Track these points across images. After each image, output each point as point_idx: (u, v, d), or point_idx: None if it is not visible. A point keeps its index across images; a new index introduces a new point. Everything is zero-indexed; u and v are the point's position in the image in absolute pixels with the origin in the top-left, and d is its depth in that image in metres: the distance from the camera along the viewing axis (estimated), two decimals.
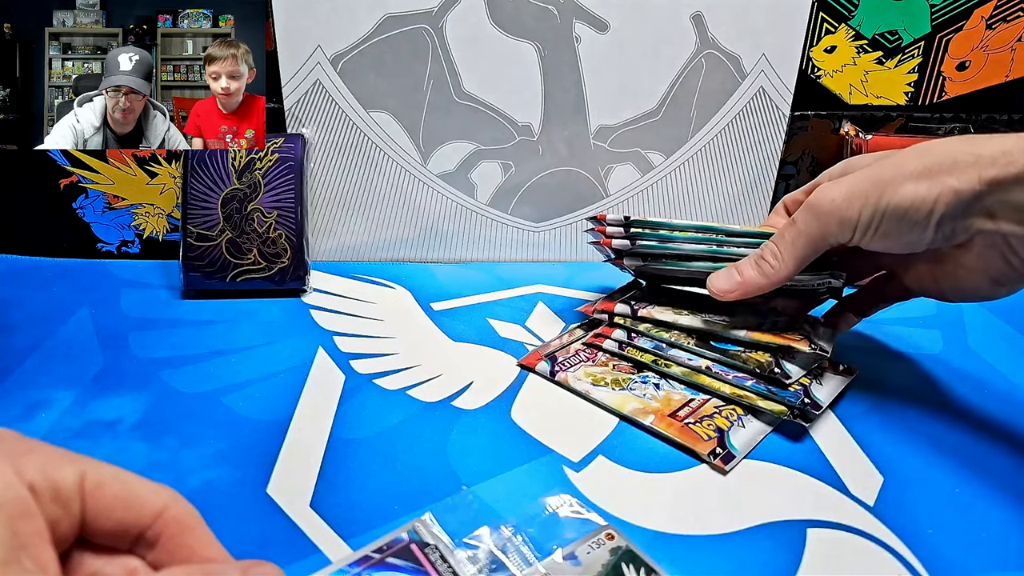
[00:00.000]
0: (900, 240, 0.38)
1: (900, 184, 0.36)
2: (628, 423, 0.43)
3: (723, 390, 0.44)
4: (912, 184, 0.36)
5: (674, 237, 0.47)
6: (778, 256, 0.42)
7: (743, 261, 0.44)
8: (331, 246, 0.66)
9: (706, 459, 0.40)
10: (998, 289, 0.39)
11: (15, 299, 0.58)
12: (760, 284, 0.43)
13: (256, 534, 0.34)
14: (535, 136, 0.64)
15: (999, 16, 0.62)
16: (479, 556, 0.32)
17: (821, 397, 0.43)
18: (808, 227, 0.40)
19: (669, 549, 0.34)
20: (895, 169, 0.37)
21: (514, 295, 0.61)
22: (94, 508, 0.23)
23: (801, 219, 0.40)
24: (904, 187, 0.36)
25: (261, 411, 0.44)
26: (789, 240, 0.41)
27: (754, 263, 0.43)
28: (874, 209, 0.37)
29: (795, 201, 0.47)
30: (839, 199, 0.38)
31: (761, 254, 0.43)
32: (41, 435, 0.41)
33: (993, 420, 0.44)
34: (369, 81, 0.61)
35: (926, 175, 0.36)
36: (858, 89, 0.66)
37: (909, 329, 0.55)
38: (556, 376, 0.47)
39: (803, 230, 0.40)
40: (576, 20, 0.60)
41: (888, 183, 0.37)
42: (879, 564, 0.33)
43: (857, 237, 0.39)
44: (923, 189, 0.36)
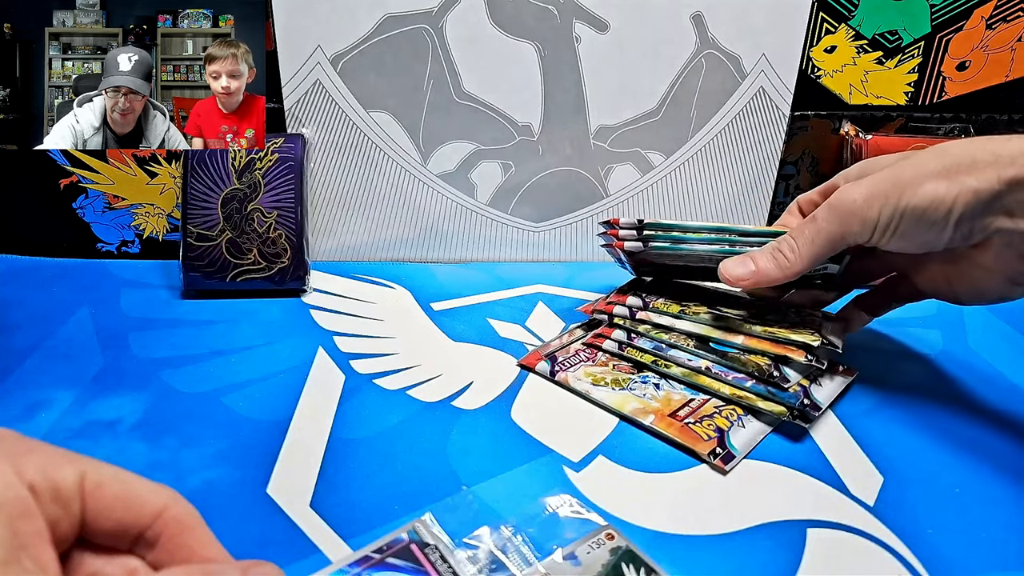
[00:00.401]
0: (918, 240, 0.38)
1: (919, 184, 0.37)
2: (628, 423, 0.43)
3: (723, 391, 0.44)
4: (931, 184, 0.36)
5: (687, 239, 0.47)
6: (795, 250, 0.42)
7: (758, 251, 0.44)
8: (331, 246, 0.66)
9: (706, 459, 0.40)
10: (1014, 289, 0.39)
11: (15, 299, 0.58)
12: (773, 276, 0.43)
13: (256, 534, 0.34)
14: (535, 136, 0.64)
15: (999, 16, 0.62)
16: (479, 556, 0.32)
17: (821, 398, 0.43)
18: (829, 224, 0.40)
19: (669, 549, 0.34)
20: (915, 170, 0.37)
21: (514, 295, 0.61)
22: (94, 508, 0.23)
23: (822, 216, 0.41)
24: (923, 187, 0.37)
25: (261, 411, 0.43)
26: (809, 236, 0.41)
27: (770, 255, 0.43)
28: (893, 209, 0.37)
29: (809, 201, 0.47)
30: (860, 199, 0.39)
31: (778, 246, 0.43)
32: (41, 435, 0.41)
33: (993, 420, 0.44)
34: (369, 81, 0.61)
35: (945, 175, 0.36)
36: (858, 89, 0.66)
37: (909, 329, 0.55)
38: (556, 376, 0.47)
39: (823, 227, 0.40)
40: (576, 20, 0.60)
41: (908, 184, 0.37)
42: (879, 564, 0.33)
43: (876, 238, 0.39)
44: (942, 189, 0.36)
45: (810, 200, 0.47)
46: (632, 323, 0.50)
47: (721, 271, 0.45)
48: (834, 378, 0.46)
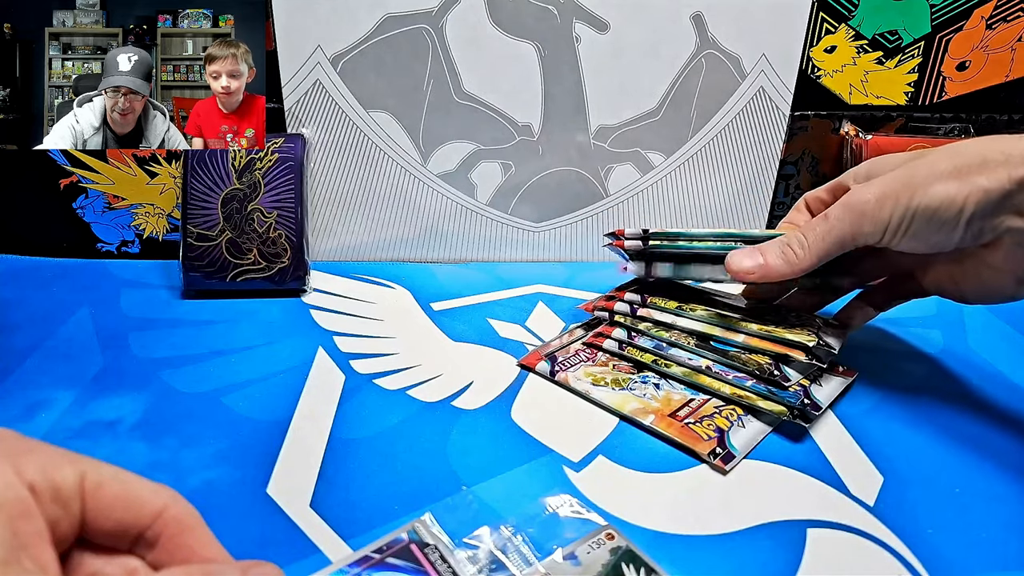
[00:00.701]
0: (930, 241, 0.38)
1: (930, 185, 0.37)
2: (628, 423, 0.43)
3: (723, 390, 0.44)
4: (942, 184, 0.36)
5: (692, 247, 0.47)
6: (805, 247, 0.42)
7: (767, 244, 0.44)
8: (331, 246, 0.66)
9: (706, 459, 0.40)
10: (1022, 289, 0.40)
11: (15, 299, 0.58)
12: (781, 271, 0.43)
13: (256, 534, 0.34)
14: (535, 136, 0.64)
15: (999, 16, 0.62)
16: (479, 556, 0.32)
17: (821, 398, 0.43)
18: (841, 223, 0.40)
19: (669, 549, 0.34)
20: (926, 170, 0.37)
21: (514, 295, 0.61)
22: (94, 508, 0.23)
23: (835, 215, 0.41)
24: (934, 187, 0.37)
25: (261, 411, 0.43)
26: (820, 233, 0.41)
27: (779, 250, 0.43)
28: (905, 209, 0.38)
29: (816, 199, 0.47)
30: (872, 200, 0.39)
31: (788, 241, 0.43)
32: (41, 435, 0.41)
33: (994, 420, 0.44)
34: (369, 81, 0.61)
35: (955, 175, 0.36)
36: (858, 89, 0.66)
37: (909, 329, 0.55)
38: (556, 376, 0.47)
39: (835, 226, 0.40)
40: (576, 20, 0.60)
41: (919, 184, 0.37)
42: (879, 564, 0.33)
43: (887, 239, 0.39)
44: (953, 189, 0.36)
45: (817, 198, 0.47)
46: (633, 320, 0.50)
47: (728, 262, 0.45)
48: (834, 378, 0.46)
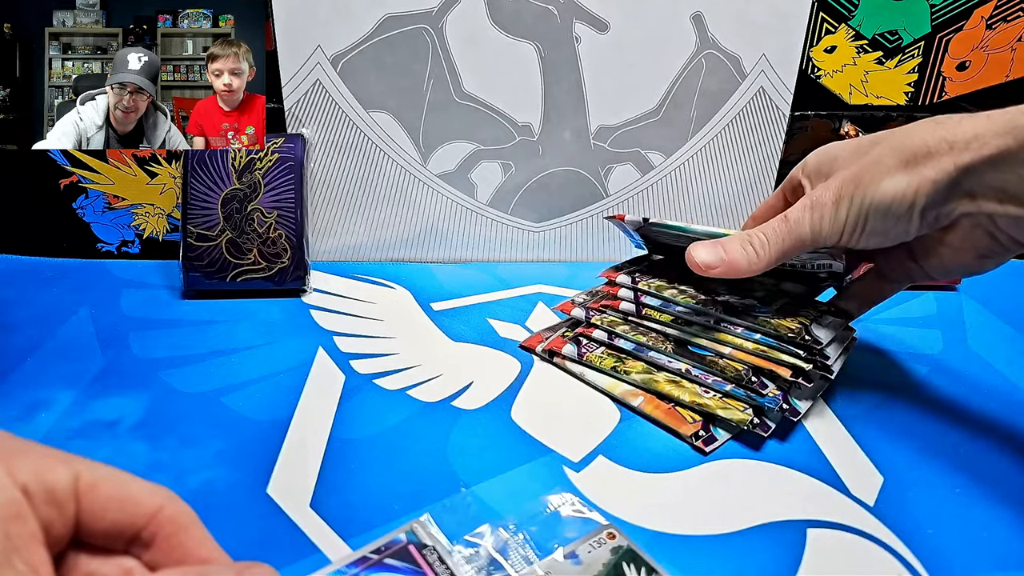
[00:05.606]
0: (888, 235, 0.38)
1: (879, 182, 0.37)
2: (618, 404, 0.45)
3: (683, 397, 0.43)
4: (890, 180, 0.37)
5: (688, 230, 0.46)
6: (765, 246, 0.41)
7: (731, 238, 0.42)
8: (331, 246, 0.66)
9: (688, 440, 0.41)
10: (986, 263, 0.40)
11: (15, 299, 0.58)
12: (741, 268, 0.42)
13: (256, 534, 0.34)
14: (535, 136, 0.64)
15: (999, 16, 0.62)
16: (480, 555, 0.32)
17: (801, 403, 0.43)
18: (799, 227, 0.40)
19: (669, 549, 0.34)
20: (873, 167, 0.37)
21: (514, 295, 0.61)
22: (89, 509, 0.23)
23: (794, 218, 0.40)
24: (883, 184, 0.37)
25: (261, 411, 0.43)
26: (780, 234, 0.41)
27: (740, 246, 0.42)
28: (859, 209, 0.38)
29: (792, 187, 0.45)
30: (829, 203, 0.39)
31: (750, 239, 0.42)
32: (41, 435, 0.41)
33: (993, 420, 0.44)
34: (369, 81, 0.61)
35: (903, 168, 0.36)
36: (858, 89, 0.66)
37: (909, 329, 0.55)
38: (554, 358, 0.49)
39: (793, 229, 0.40)
40: (576, 20, 0.60)
41: (868, 183, 0.37)
42: (879, 564, 0.33)
43: (846, 238, 0.39)
44: (902, 184, 0.36)
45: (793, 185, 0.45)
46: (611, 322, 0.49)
47: (689, 255, 0.43)
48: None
